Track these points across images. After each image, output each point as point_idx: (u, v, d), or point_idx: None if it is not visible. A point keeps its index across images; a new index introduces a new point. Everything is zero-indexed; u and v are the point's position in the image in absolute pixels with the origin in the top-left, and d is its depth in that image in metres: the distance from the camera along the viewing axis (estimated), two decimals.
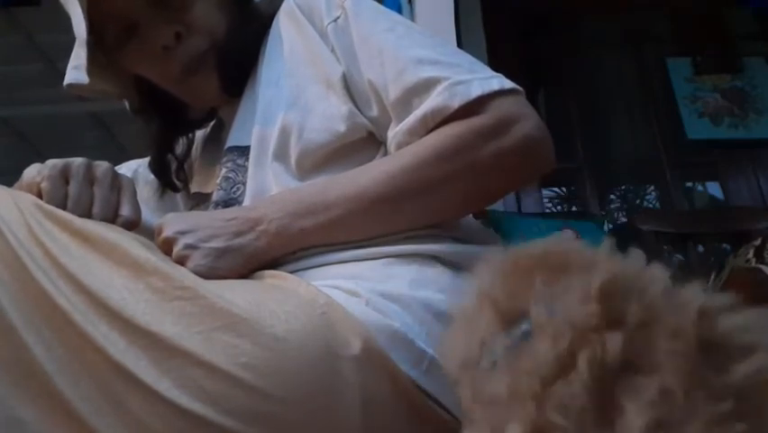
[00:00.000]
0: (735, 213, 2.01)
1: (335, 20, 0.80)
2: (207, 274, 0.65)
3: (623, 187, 2.91)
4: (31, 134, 3.96)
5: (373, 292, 0.66)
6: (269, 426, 0.57)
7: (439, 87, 0.72)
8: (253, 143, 0.80)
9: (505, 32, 2.34)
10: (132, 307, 0.57)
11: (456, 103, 0.71)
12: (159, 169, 0.95)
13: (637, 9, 2.61)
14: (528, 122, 0.73)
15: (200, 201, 0.89)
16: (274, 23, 0.87)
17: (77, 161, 0.71)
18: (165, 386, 0.55)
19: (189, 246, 0.68)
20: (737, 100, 2.44)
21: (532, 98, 0.81)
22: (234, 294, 0.61)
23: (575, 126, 2.47)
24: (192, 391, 0.55)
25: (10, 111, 3.79)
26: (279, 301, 0.61)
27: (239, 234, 0.70)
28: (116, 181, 0.73)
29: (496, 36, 2.20)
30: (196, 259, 0.67)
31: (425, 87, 0.73)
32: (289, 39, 0.83)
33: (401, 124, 0.74)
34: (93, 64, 0.81)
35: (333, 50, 0.80)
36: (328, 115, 0.77)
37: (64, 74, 0.84)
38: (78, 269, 0.58)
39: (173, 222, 0.70)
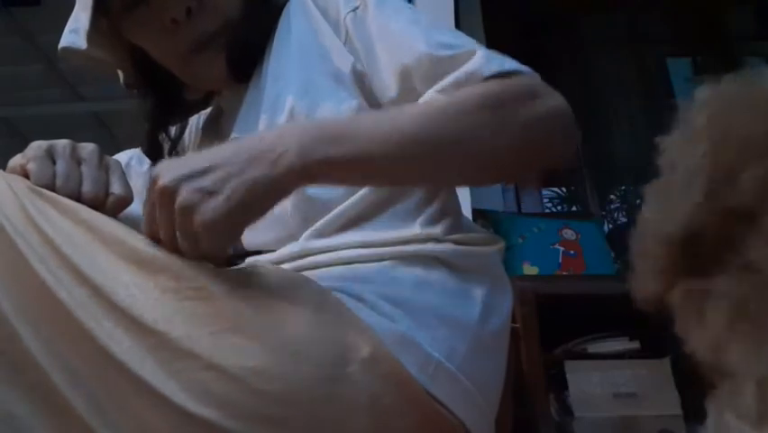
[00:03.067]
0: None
1: (354, 9, 0.78)
2: (224, 222, 0.57)
3: (623, 187, 2.90)
4: (31, 134, 3.96)
5: (378, 296, 0.65)
6: (277, 430, 0.57)
7: (474, 58, 0.70)
8: (258, 132, 0.77)
9: (505, 32, 2.34)
10: (141, 304, 0.55)
11: (492, 69, 0.69)
12: (151, 148, 0.91)
13: (637, 9, 2.61)
14: (559, 97, 0.70)
15: None
16: (285, 12, 0.84)
17: (62, 141, 0.69)
18: (171, 389, 0.54)
19: (196, 191, 0.57)
20: None
21: None
22: (246, 294, 0.60)
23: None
24: (199, 394, 0.54)
25: (10, 111, 3.79)
26: (290, 303, 0.61)
27: (252, 163, 0.59)
28: (103, 160, 0.70)
29: (496, 36, 2.19)
30: (209, 205, 0.57)
31: (461, 58, 0.71)
32: (299, 31, 0.81)
33: (434, 87, 0.71)
34: (92, 30, 0.77)
35: (347, 41, 0.78)
36: (336, 110, 0.75)
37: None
38: (82, 260, 0.56)
39: (170, 168, 0.60)
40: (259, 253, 0.75)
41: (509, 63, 0.71)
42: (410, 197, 0.76)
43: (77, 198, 0.65)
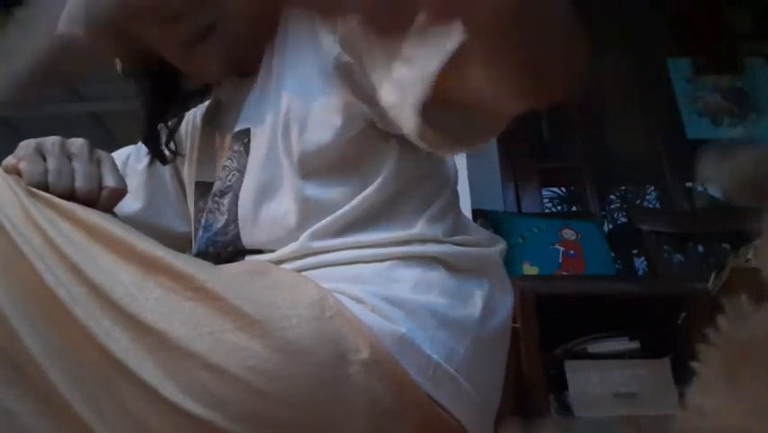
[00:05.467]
0: (735, 213, 2.01)
1: None
2: None
3: (623, 187, 2.91)
4: (31, 134, 3.96)
5: (377, 297, 0.65)
6: (276, 431, 0.56)
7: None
8: (265, 130, 0.75)
9: None
10: (140, 303, 0.55)
11: None
12: (149, 138, 0.89)
13: (637, 9, 2.61)
14: None
15: (205, 191, 0.84)
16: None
17: (51, 138, 0.68)
18: (170, 389, 0.53)
19: None
20: (737, 100, 2.44)
21: None
22: (246, 295, 0.60)
23: (575, 126, 2.47)
24: (198, 394, 0.54)
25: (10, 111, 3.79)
26: (290, 304, 0.60)
27: None
28: (94, 154, 0.70)
29: None
30: None
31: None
32: (297, 25, 0.78)
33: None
34: None
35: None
36: (326, 108, 0.73)
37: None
38: (81, 259, 0.56)
39: None
40: (259, 252, 0.75)
41: None
42: (411, 199, 0.75)
43: (71, 193, 0.65)
